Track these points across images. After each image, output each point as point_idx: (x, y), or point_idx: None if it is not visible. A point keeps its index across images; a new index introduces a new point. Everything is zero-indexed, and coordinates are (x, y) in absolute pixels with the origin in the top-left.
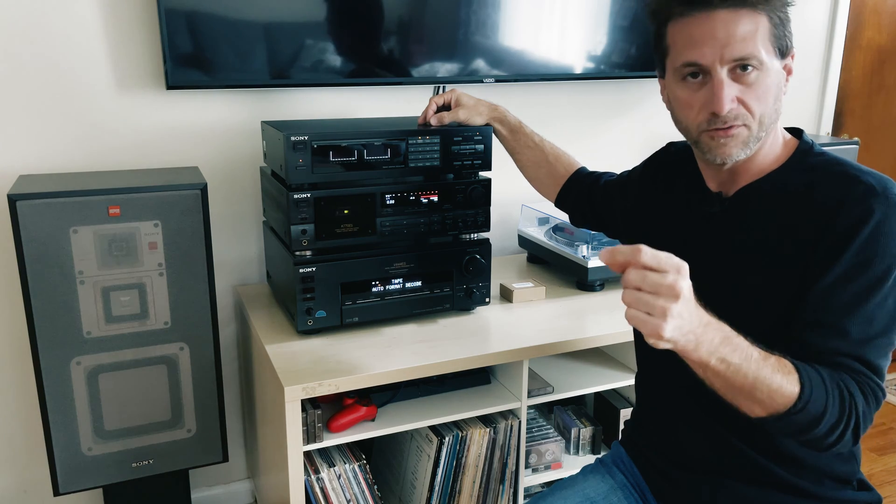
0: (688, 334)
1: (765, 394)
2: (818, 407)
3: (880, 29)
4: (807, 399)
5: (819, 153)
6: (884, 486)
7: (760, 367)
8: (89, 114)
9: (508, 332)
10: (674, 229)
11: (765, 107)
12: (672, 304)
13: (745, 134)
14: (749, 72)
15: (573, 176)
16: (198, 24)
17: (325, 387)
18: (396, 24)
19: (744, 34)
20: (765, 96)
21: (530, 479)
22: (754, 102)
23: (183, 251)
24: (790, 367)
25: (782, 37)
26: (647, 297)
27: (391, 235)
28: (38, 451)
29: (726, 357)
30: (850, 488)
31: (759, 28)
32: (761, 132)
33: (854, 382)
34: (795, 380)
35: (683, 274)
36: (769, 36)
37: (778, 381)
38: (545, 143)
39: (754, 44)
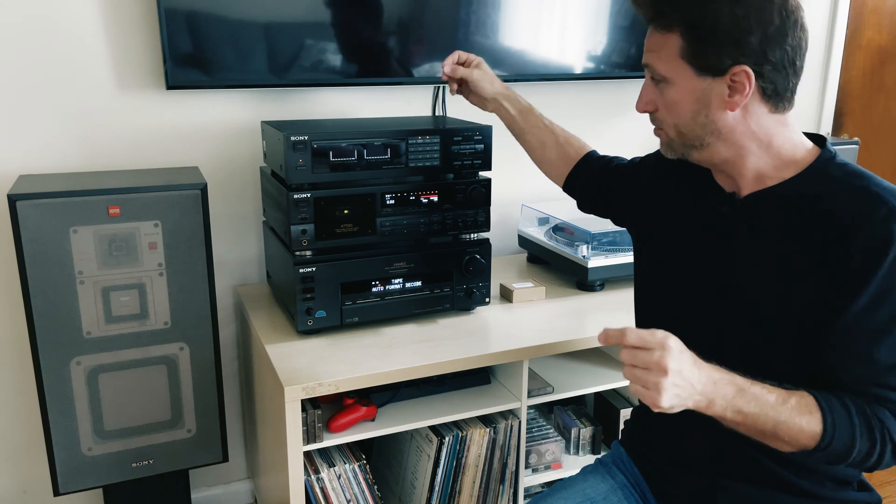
0: (691, 397)
1: (788, 436)
2: (844, 440)
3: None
4: (830, 436)
5: (841, 164)
6: (884, 486)
7: (779, 412)
8: (89, 114)
9: (508, 332)
10: (683, 226)
11: (677, 118)
12: (661, 378)
13: (665, 137)
14: (658, 83)
15: (584, 158)
16: (198, 23)
17: (325, 387)
18: (396, 25)
19: (651, 46)
20: (674, 108)
21: (530, 479)
22: (663, 112)
23: (183, 251)
24: (812, 405)
25: (703, 55)
26: (640, 373)
27: (391, 235)
28: (38, 451)
29: (742, 409)
30: (850, 489)
31: (667, 45)
32: (685, 141)
33: (885, 410)
34: (818, 419)
35: (668, 348)
36: (680, 53)
37: (799, 424)
38: (555, 126)
39: (657, 57)
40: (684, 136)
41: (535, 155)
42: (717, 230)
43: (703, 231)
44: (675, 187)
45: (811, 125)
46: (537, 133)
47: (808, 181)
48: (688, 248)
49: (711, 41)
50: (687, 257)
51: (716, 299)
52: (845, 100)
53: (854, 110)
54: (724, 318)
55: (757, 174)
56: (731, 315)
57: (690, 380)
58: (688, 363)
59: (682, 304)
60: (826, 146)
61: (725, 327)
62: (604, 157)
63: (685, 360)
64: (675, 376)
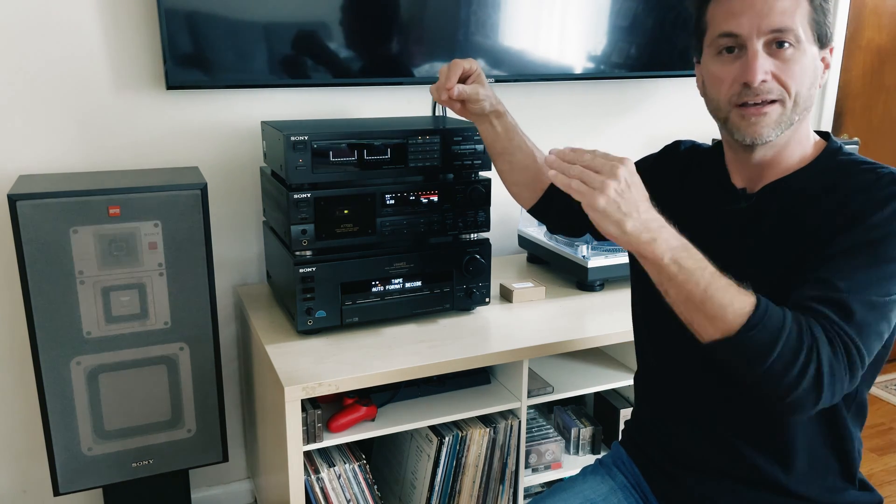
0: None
1: (713, 309)
2: (772, 329)
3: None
4: (761, 316)
5: (847, 153)
6: (884, 486)
7: (715, 277)
8: (89, 114)
9: (508, 332)
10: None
11: (800, 86)
12: (608, 179)
13: (777, 112)
14: (785, 48)
15: None
16: (198, 24)
17: (325, 387)
18: (396, 25)
19: (783, 7)
20: (801, 75)
21: (530, 479)
22: (789, 79)
23: (183, 251)
24: (749, 293)
25: (822, 24)
26: (589, 175)
27: (391, 235)
28: (38, 451)
29: (680, 260)
30: (851, 489)
31: (800, 7)
32: (795, 114)
33: (820, 327)
34: (751, 302)
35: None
36: (809, 18)
37: (731, 296)
38: (534, 147)
39: (792, 18)
40: (797, 107)
41: (512, 177)
42: (729, 226)
43: (716, 229)
44: (678, 191)
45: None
46: (519, 154)
47: (818, 171)
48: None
49: (827, 13)
50: None
51: None
52: (845, 100)
53: (854, 110)
54: None
55: (780, 165)
56: None
57: (637, 201)
58: (639, 190)
59: None
60: (830, 139)
61: None
62: None
63: (636, 184)
64: (622, 185)
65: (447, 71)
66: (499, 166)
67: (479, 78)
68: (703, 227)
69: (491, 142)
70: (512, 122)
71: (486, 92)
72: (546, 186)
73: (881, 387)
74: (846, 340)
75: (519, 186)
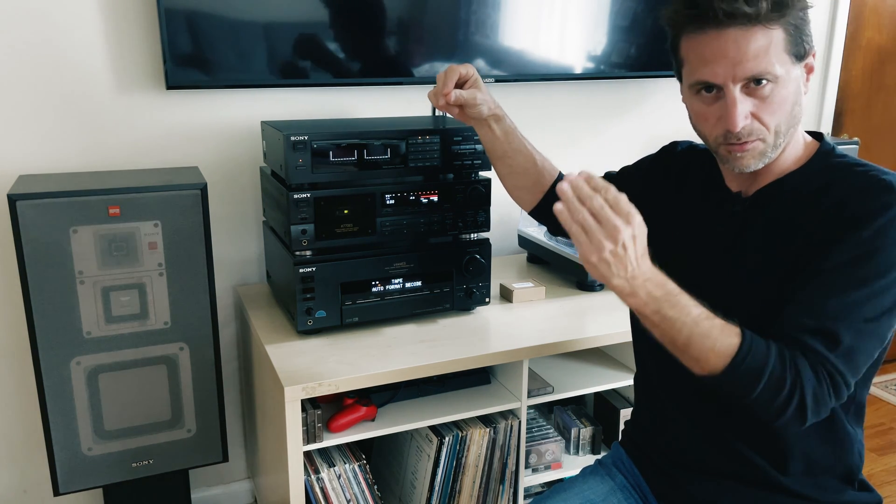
0: (619, 276)
1: (699, 351)
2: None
3: (880, 29)
4: (743, 357)
5: (841, 155)
6: (884, 486)
7: (698, 324)
8: (89, 114)
9: (508, 332)
10: (689, 229)
11: (779, 118)
12: (607, 242)
13: (760, 147)
14: (763, 86)
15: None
16: (198, 24)
17: (325, 387)
18: (396, 25)
19: (756, 51)
20: (780, 109)
21: (530, 479)
22: (768, 116)
23: (183, 251)
24: (734, 331)
25: (799, 42)
26: (591, 223)
27: (391, 235)
28: (38, 451)
29: (662, 310)
30: (850, 489)
31: (773, 42)
32: (778, 142)
33: (805, 360)
34: (735, 343)
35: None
36: (784, 46)
37: (713, 339)
38: (534, 150)
39: (767, 59)
40: (780, 135)
41: (512, 181)
42: (725, 229)
43: (710, 232)
44: (675, 193)
45: (811, 125)
46: (519, 157)
47: (811, 173)
48: (693, 248)
49: (803, 27)
50: (693, 259)
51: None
52: (845, 100)
53: (854, 110)
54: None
55: (773, 169)
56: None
57: (628, 260)
58: (638, 248)
59: None
60: (824, 140)
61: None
62: None
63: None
64: (618, 249)
65: (444, 76)
66: (498, 169)
67: (476, 83)
68: (700, 229)
69: (490, 145)
70: (511, 126)
71: (484, 96)
72: (546, 189)
73: (881, 387)
74: (831, 371)
75: (519, 189)
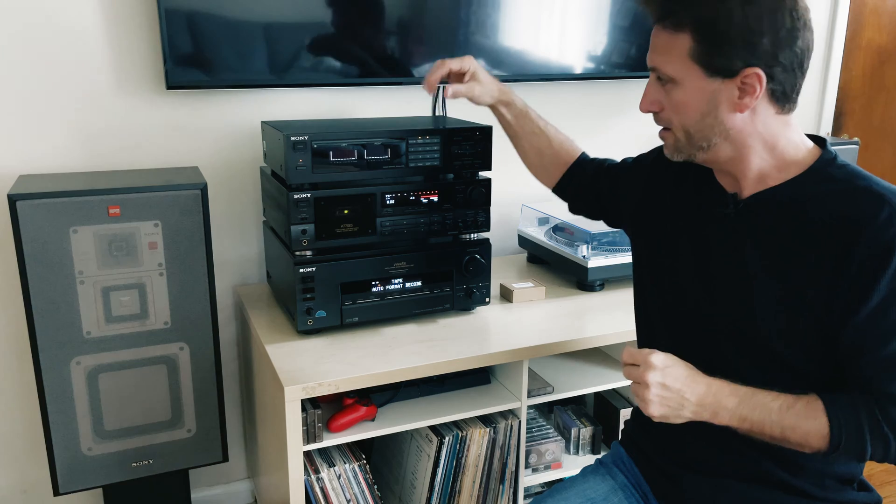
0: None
1: (797, 440)
2: (854, 441)
3: (880, 29)
4: (838, 438)
5: (841, 164)
6: (884, 486)
7: (784, 417)
8: (89, 114)
9: (508, 332)
10: (683, 225)
11: (685, 118)
12: (644, 391)
13: (672, 139)
14: (666, 84)
15: (576, 162)
16: (198, 24)
17: (325, 387)
18: (396, 25)
19: (660, 47)
20: (679, 108)
21: (530, 479)
22: (670, 112)
23: (183, 251)
24: (818, 409)
25: (713, 56)
26: (634, 386)
27: (391, 235)
28: (38, 451)
29: (747, 417)
30: (850, 489)
31: (676, 46)
32: (693, 143)
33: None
34: (824, 422)
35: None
36: (689, 54)
37: (805, 427)
38: (549, 129)
39: (664, 57)
40: (691, 137)
41: (528, 160)
42: (718, 230)
43: (704, 231)
44: (676, 185)
45: (811, 125)
46: (532, 139)
47: (810, 182)
48: (688, 247)
49: (723, 42)
50: (687, 257)
51: (717, 299)
52: (845, 100)
53: (854, 110)
54: (725, 318)
55: (760, 175)
56: (732, 315)
57: (680, 391)
58: (676, 377)
59: (681, 303)
60: (826, 147)
61: (727, 327)
62: (595, 160)
63: (671, 374)
64: (657, 388)
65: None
66: (516, 149)
67: (474, 76)
68: (693, 227)
69: (504, 128)
70: (522, 109)
71: (484, 88)
72: (564, 169)
73: None
74: None
75: (535, 168)
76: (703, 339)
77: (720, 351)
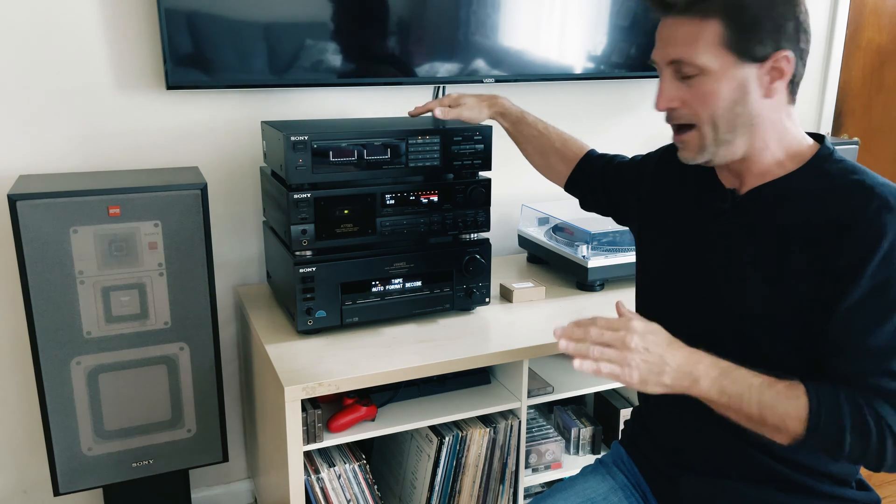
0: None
1: (774, 420)
2: (832, 427)
3: (880, 29)
4: (816, 418)
5: (838, 160)
6: (883, 486)
7: (763, 393)
8: (89, 114)
9: (508, 332)
10: (684, 222)
11: (714, 109)
12: (626, 353)
13: (696, 138)
14: (691, 75)
15: (584, 158)
16: (198, 24)
17: (325, 387)
18: (396, 24)
19: (683, 38)
20: (709, 100)
21: (530, 479)
22: (698, 105)
23: (183, 251)
24: (799, 391)
25: (746, 41)
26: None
27: (391, 235)
28: (38, 451)
29: (726, 389)
30: (848, 488)
31: (704, 34)
32: (719, 136)
33: (884, 402)
34: (804, 403)
35: (631, 328)
36: (721, 41)
37: (784, 407)
38: (550, 130)
39: (691, 48)
40: (718, 130)
41: (534, 162)
42: (717, 226)
43: (704, 227)
44: (679, 183)
45: (811, 125)
46: (534, 142)
47: (807, 176)
48: (689, 244)
49: (755, 26)
50: (688, 253)
51: (716, 294)
52: (845, 100)
53: (854, 110)
54: (724, 313)
55: (762, 169)
56: (731, 309)
57: (662, 356)
58: (657, 342)
59: (682, 299)
60: (824, 142)
61: (726, 321)
62: (605, 156)
63: (652, 340)
64: (640, 352)
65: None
66: (523, 154)
67: (458, 100)
68: (693, 222)
69: (509, 136)
70: (518, 116)
71: (472, 111)
72: (572, 167)
73: None
74: None
75: (543, 169)
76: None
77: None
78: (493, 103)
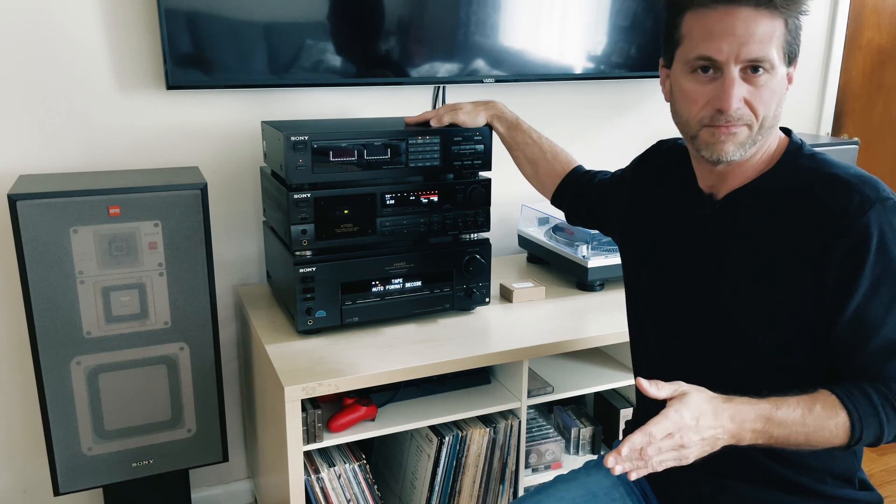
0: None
1: (819, 442)
2: (873, 431)
3: (880, 29)
4: (860, 431)
5: (808, 154)
6: (884, 486)
7: (807, 425)
8: (89, 114)
9: (508, 332)
10: (666, 229)
11: (768, 110)
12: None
13: (744, 134)
14: (759, 74)
15: (570, 174)
16: (198, 24)
17: (325, 387)
18: (396, 25)
19: (762, 35)
20: (770, 100)
21: (530, 479)
22: (760, 105)
23: (183, 251)
24: (836, 406)
25: (793, 44)
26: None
27: (391, 235)
28: (38, 451)
29: (772, 434)
30: (851, 487)
31: (776, 31)
32: (759, 135)
33: None
34: (844, 418)
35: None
36: (783, 41)
37: (828, 428)
38: (543, 141)
39: (770, 47)
40: (763, 129)
41: (524, 170)
42: (699, 233)
43: (686, 235)
44: (657, 194)
45: (811, 125)
46: (525, 150)
47: (782, 174)
48: (673, 253)
49: (799, 32)
50: (673, 262)
51: (705, 301)
52: (845, 100)
53: (854, 110)
54: (716, 318)
55: (744, 170)
56: (718, 314)
57: (715, 435)
58: (708, 423)
59: (671, 308)
60: (792, 138)
61: (713, 326)
62: (588, 172)
63: (703, 423)
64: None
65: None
66: (514, 161)
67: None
68: (675, 230)
69: (502, 141)
70: (513, 122)
71: (468, 116)
72: (559, 181)
73: None
74: None
75: (532, 179)
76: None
77: (709, 351)
78: (488, 107)
